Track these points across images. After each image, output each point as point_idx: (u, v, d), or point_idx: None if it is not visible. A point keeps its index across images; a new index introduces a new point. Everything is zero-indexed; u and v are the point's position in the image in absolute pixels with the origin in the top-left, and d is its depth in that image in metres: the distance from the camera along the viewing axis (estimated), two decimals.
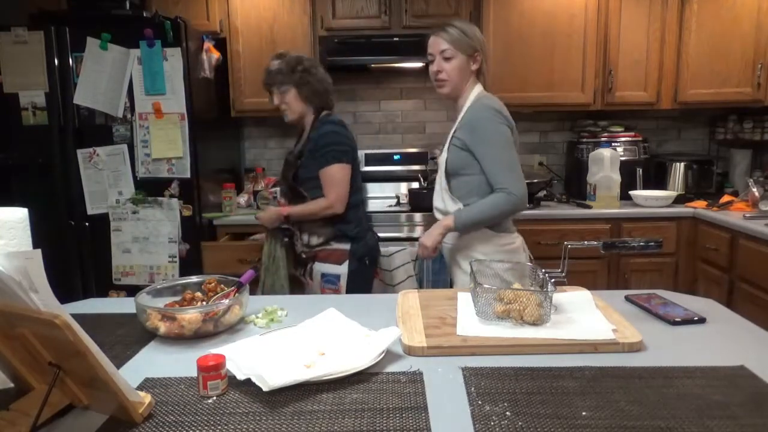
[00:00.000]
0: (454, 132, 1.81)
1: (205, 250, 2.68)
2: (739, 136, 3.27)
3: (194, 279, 1.41)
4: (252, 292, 1.39)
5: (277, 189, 3.03)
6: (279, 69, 2.07)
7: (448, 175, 1.82)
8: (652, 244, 1.35)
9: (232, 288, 1.33)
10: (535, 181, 3.00)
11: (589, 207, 2.98)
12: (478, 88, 1.83)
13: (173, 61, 2.68)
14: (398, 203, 3.30)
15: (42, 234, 1.41)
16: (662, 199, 2.98)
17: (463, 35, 1.78)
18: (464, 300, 1.35)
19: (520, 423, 0.86)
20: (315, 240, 2.08)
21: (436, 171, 2.00)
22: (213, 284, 1.34)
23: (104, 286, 2.83)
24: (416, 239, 2.94)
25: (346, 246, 2.06)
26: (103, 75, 2.70)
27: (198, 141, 2.78)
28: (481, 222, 1.77)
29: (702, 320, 1.26)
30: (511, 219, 1.89)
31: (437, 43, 1.80)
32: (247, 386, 0.97)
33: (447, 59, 1.79)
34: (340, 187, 2.02)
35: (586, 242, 1.47)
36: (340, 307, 1.31)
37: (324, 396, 0.95)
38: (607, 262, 2.94)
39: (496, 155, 1.74)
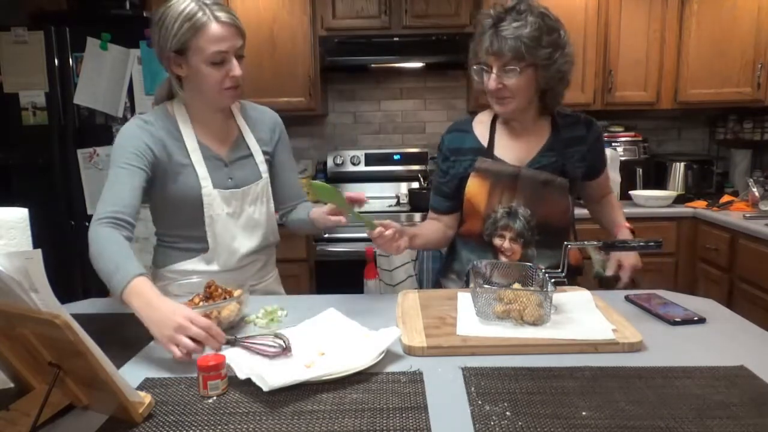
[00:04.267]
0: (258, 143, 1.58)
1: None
2: (739, 136, 3.27)
3: (194, 279, 1.41)
4: None
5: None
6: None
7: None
8: (652, 244, 1.35)
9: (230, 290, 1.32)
10: None
11: None
12: None
13: None
14: (398, 203, 3.30)
15: (42, 234, 1.41)
16: (662, 199, 2.98)
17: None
18: (464, 300, 1.35)
19: (520, 423, 0.86)
20: None
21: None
22: (213, 286, 1.34)
23: (104, 286, 2.82)
24: None
25: None
26: (103, 75, 2.70)
27: None
28: None
29: (702, 320, 1.26)
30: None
31: (233, 37, 1.38)
32: (247, 386, 0.97)
33: (240, 58, 1.43)
34: None
35: (586, 242, 1.46)
36: (340, 307, 1.31)
37: (324, 396, 0.95)
38: None
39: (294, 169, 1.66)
